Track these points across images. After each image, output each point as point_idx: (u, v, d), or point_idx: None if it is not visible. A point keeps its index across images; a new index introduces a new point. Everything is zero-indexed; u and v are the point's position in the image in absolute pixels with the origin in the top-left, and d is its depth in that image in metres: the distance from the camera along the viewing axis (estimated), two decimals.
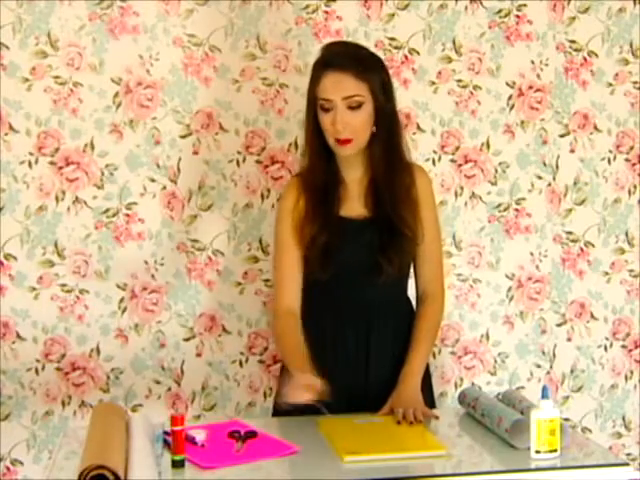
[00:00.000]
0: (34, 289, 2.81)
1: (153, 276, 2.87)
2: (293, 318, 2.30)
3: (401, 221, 2.29)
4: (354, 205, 2.34)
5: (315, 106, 2.25)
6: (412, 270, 2.42)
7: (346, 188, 2.35)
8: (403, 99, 2.92)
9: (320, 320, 2.33)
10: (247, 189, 2.90)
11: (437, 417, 2.20)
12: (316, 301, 2.35)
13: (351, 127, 2.22)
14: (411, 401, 2.18)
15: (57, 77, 2.78)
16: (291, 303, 2.32)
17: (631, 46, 3.07)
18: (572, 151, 3.07)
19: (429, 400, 2.40)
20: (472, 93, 3.00)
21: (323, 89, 2.22)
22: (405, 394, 2.21)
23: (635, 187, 3.12)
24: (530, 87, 3.03)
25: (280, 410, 2.29)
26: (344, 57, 2.24)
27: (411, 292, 2.44)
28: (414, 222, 2.31)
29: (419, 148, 2.97)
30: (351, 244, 2.30)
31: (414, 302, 2.44)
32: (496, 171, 3.03)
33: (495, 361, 3.08)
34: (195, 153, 2.87)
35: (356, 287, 2.31)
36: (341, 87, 2.20)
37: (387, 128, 2.29)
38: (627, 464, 1.92)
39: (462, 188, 3.01)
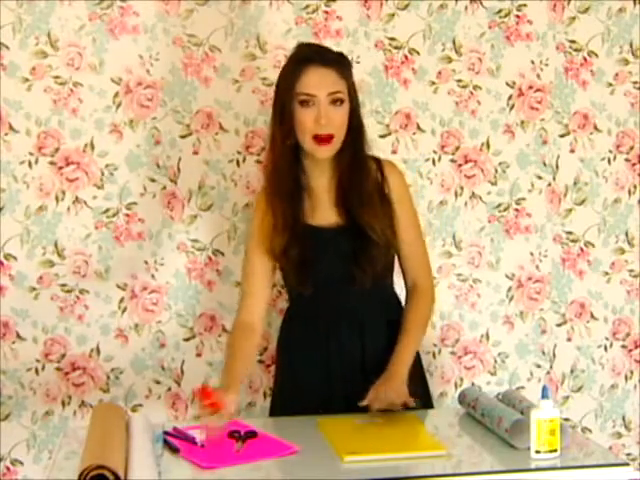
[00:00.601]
0: (34, 289, 2.81)
1: (153, 276, 2.87)
2: (246, 332, 2.30)
3: (370, 229, 2.24)
4: (325, 214, 2.30)
5: (289, 104, 2.20)
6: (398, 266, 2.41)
7: (313, 195, 2.31)
8: (403, 99, 2.93)
9: (312, 329, 2.32)
10: (247, 189, 2.90)
11: (414, 405, 2.14)
12: (303, 311, 2.36)
13: (333, 123, 2.19)
14: (394, 392, 2.13)
15: (57, 77, 2.78)
16: (247, 317, 2.32)
17: (631, 46, 3.07)
18: (572, 151, 3.07)
19: (424, 398, 2.40)
20: (472, 93, 3.00)
21: (306, 84, 2.18)
22: (389, 384, 2.15)
23: (635, 187, 3.12)
24: (530, 87, 3.03)
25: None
26: (325, 54, 2.24)
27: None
28: (385, 227, 2.27)
29: (419, 148, 2.97)
30: (326, 255, 2.27)
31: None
32: (496, 171, 3.03)
33: (495, 361, 3.08)
34: (195, 153, 2.87)
35: (340, 296, 2.29)
36: (326, 82, 2.18)
37: (355, 130, 2.26)
38: (627, 464, 1.92)
39: (462, 188, 3.01)
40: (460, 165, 3.01)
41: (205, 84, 2.86)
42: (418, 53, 2.95)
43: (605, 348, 3.14)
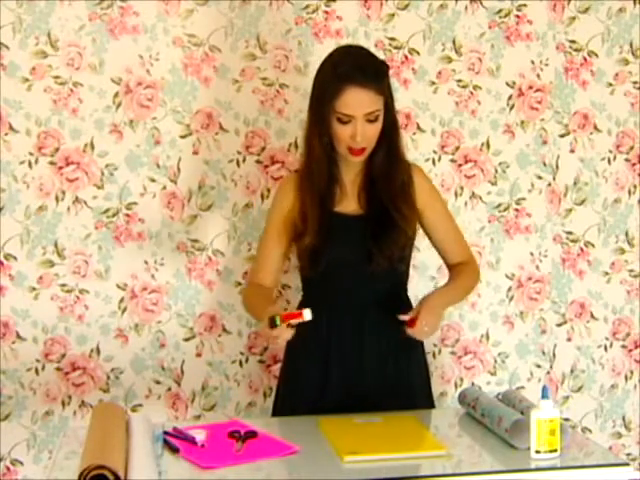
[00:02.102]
0: (34, 289, 2.81)
1: (153, 276, 2.87)
2: (260, 286, 2.39)
3: (397, 212, 2.32)
4: (348, 202, 2.37)
5: (327, 115, 2.24)
6: (439, 255, 2.48)
7: (342, 186, 2.38)
8: (403, 99, 2.92)
9: (314, 314, 2.32)
10: (247, 189, 2.90)
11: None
12: (310, 295, 2.41)
13: (368, 138, 2.25)
14: (435, 311, 2.22)
15: (57, 77, 2.78)
16: (262, 280, 2.40)
17: (631, 46, 3.07)
18: (572, 151, 3.07)
19: (427, 397, 2.42)
20: (472, 93, 3.00)
21: (344, 104, 2.21)
22: (432, 302, 2.24)
23: (635, 187, 3.12)
24: (530, 87, 3.03)
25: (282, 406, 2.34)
26: (365, 72, 2.22)
27: (411, 292, 2.45)
28: (410, 214, 2.35)
29: (419, 148, 2.97)
30: (342, 240, 2.33)
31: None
32: (496, 171, 3.03)
33: (495, 361, 3.08)
34: (195, 153, 2.87)
35: (347, 281, 2.33)
36: (364, 104, 2.21)
37: (390, 129, 2.31)
38: (627, 464, 1.92)
39: (462, 188, 3.01)
40: (460, 165, 3.01)
41: (205, 84, 2.86)
42: (418, 53, 2.95)
43: (605, 348, 3.14)
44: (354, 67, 2.22)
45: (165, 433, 2.04)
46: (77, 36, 2.78)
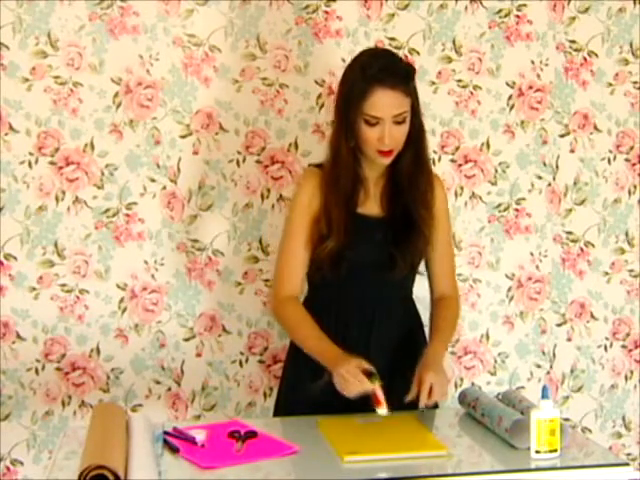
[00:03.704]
0: (34, 289, 2.81)
1: (153, 276, 2.87)
2: (298, 304, 2.34)
3: (420, 218, 2.33)
4: (370, 204, 2.36)
5: (354, 116, 2.23)
6: (426, 274, 2.44)
7: (365, 188, 2.36)
8: None
9: (323, 316, 2.32)
10: (247, 189, 2.90)
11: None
12: (320, 296, 2.38)
13: (396, 140, 2.25)
14: (439, 369, 2.20)
15: (57, 77, 2.78)
16: (294, 291, 2.34)
17: (631, 46, 3.07)
18: (572, 151, 3.07)
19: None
20: (472, 93, 3.00)
21: (372, 106, 2.20)
22: (433, 364, 2.21)
23: (635, 187, 3.12)
24: (530, 87, 3.03)
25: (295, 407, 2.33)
26: (393, 73, 2.21)
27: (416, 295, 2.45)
28: (430, 220, 2.35)
29: None
30: (364, 243, 2.32)
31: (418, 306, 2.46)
32: (496, 171, 3.03)
33: (495, 361, 3.08)
34: (195, 153, 2.87)
35: (364, 284, 2.33)
36: (392, 106, 2.20)
37: (417, 132, 2.30)
38: (627, 464, 1.92)
39: (462, 188, 3.01)
40: (460, 165, 3.01)
41: (205, 84, 2.86)
42: (418, 53, 2.95)
43: (605, 348, 3.14)
44: (382, 69, 2.21)
45: (165, 433, 2.04)
46: (77, 36, 2.78)
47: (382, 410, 2.05)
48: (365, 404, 2.22)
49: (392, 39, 2.93)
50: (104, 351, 2.86)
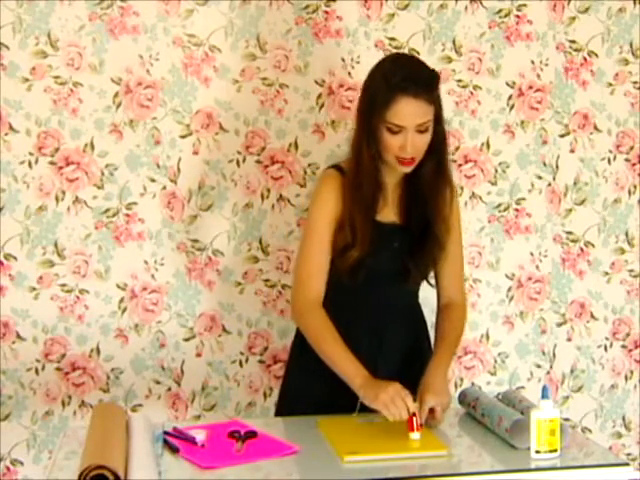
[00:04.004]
0: (34, 289, 2.81)
1: (153, 276, 2.87)
2: (322, 311, 2.29)
3: (437, 227, 2.31)
4: (388, 211, 2.34)
5: (376, 124, 2.21)
6: (435, 280, 2.44)
7: (384, 193, 2.34)
8: None
9: (334, 319, 2.31)
10: (247, 189, 2.90)
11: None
12: (334, 299, 2.34)
13: (417, 149, 2.23)
14: (441, 391, 2.17)
15: (57, 77, 2.78)
16: (317, 296, 2.30)
17: (631, 46, 3.07)
18: (572, 151, 3.07)
19: None
20: (472, 93, 3.00)
21: (395, 115, 2.18)
22: (435, 384, 2.18)
23: (635, 187, 3.12)
24: (530, 87, 3.03)
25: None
26: (417, 82, 2.19)
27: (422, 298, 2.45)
28: (447, 230, 2.34)
29: None
30: (383, 250, 2.30)
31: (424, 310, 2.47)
32: (496, 171, 3.03)
33: (495, 361, 3.08)
34: (195, 153, 2.87)
35: (377, 291, 2.32)
36: (416, 115, 2.18)
37: (439, 140, 2.29)
38: (627, 464, 1.93)
39: (462, 188, 3.01)
40: (460, 165, 3.01)
41: (205, 84, 2.86)
42: (418, 53, 2.94)
43: (605, 348, 3.14)
44: (406, 77, 2.18)
45: (165, 433, 2.04)
46: (77, 36, 2.78)
47: (416, 435, 2.04)
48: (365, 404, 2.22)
49: (392, 39, 2.93)
50: (104, 351, 2.86)
